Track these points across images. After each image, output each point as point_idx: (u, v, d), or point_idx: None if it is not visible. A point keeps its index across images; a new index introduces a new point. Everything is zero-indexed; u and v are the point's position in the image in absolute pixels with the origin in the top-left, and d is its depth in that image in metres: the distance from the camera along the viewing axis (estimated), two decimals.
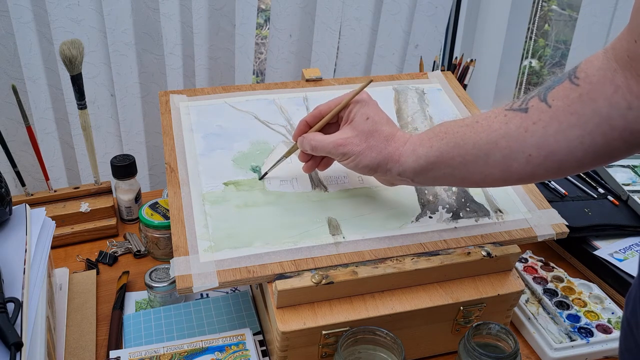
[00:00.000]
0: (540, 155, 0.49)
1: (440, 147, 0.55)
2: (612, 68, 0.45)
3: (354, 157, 0.60)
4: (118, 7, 1.22)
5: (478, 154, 0.53)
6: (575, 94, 0.47)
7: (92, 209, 0.88)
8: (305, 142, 0.64)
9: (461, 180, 0.56)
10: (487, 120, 0.53)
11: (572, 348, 0.68)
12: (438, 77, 0.88)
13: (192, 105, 0.78)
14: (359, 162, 0.60)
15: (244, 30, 1.35)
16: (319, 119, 0.65)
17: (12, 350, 0.49)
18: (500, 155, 0.51)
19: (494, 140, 0.51)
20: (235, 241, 0.62)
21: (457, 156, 0.54)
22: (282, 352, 0.61)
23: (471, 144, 0.53)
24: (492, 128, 0.52)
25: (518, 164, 0.51)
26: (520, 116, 0.50)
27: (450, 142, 0.55)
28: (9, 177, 0.91)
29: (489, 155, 0.52)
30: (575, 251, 0.84)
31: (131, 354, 0.65)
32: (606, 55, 0.47)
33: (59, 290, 0.75)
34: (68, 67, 0.81)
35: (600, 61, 0.47)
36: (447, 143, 0.55)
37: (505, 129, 0.51)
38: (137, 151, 1.41)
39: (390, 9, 1.47)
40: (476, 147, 0.53)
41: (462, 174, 0.55)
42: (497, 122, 0.52)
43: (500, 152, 0.51)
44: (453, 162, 0.55)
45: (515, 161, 0.51)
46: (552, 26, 1.92)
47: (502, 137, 0.51)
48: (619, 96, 0.45)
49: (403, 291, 0.63)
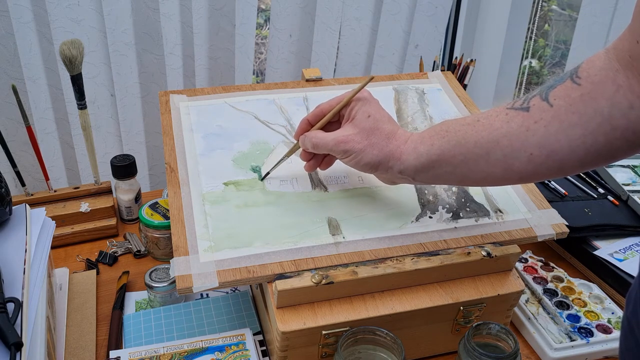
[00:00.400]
0: (542, 155, 0.49)
1: (442, 146, 0.55)
2: (614, 68, 0.45)
3: (355, 154, 0.60)
4: (118, 7, 1.22)
5: (479, 152, 0.53)
6: (576, 93, 0.47)
7: (92, 209, 0.88)
8: (307, 140, 0.64)
9: (462, 178, 0.56)
10: (488, 119, 0.53)
11: (572, 348, 0.68)
12: (438, 77, 0.88)
13: (192, 105, 0.78)
14: (361, 159, 0.60)
15: (244, 30, 1.35)
16: (321, 117, 0.65)
17: (12, 350, 0.49)
18: (502, 154, 0.51)
19: (496, 139, 0.51)
20: (235, 241, 0.62)
21: (458, 155, 0.54)
22: (282, 352, 0.61)
23: (472, 143, 0.53)
24: (493, 127, 0.52)
25: (519, 162, 0.51)
26: (521, 115, 0.50)
27: (451, 141, 0.55)
28: (9, 177, 0.91)
29: (490, 154, 0.52)
30: (575, 251, 0.84)
31: (131, 354, 0.65)
32: (608, 55, 0.47)
33: (59, 290, 0.75)
34: (68, 67, 0.81)
35: (602, 61, 0.47)
36: (448, 141, 0.55)
37: (507, 128, 0.51)
38: (137, 151, 1.41)
39: (390, 9, 1.47)
40: (477, 145, 0.53)
41: (464, 173, 0.55)
42: (498, 120, 0.52)
43: (501, 151, 0.51)
44: (454, 160, 0.55)
45: (516, 160, 0.51)
46: (552, 26, 1.92)
47: (503, 136, 0.51)
48: (621, 96, 0.45)
49: (403, 291, 0.63)
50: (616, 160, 0.49)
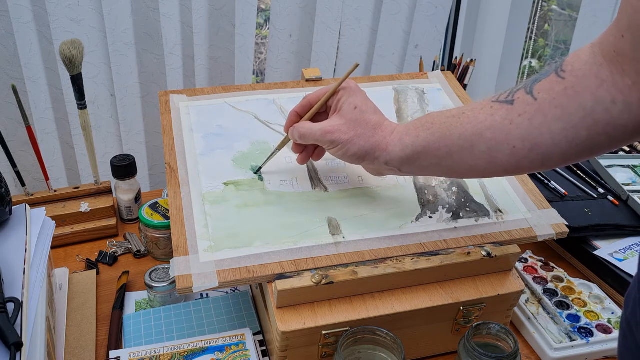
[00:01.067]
0: (524, 148, 0.50)
1: (427, 138, 0.56)
2: (598, 62, 0.46)
3: (341, 145, 0.60)
4: (118, 7, 1.22)
5: (464, 145, 0.53)
6: (560, 87, 0.47)
7: (92, 209, 0.88)
8: (295, 131, 0.64)
9: (448, 170, 0.56)
10: (473, 111, 0.53)
11: (572, 348, 0.68)
12: (438, 77, 0.88)
13: (192, 105, 0.78)
14: (347, 150, 0.60)
15: (244, 30, 1.35)
16: (309, 108, 0.66)
17: (12, 350, 0.49)
18: (486, 147, 0.52)
19: (480, 131, 0.52)
20: (235, 241, 0.62)
21: (443, 147, 0.54)
22: (282, 352, 0.61)
23: (457, 135, 0.53)
24: (478, 120, 0.52)
25: (503, 155, 0.51)
26: (506, 108, 0.51)
27: (436, 133, 0.55)
28: (9, 177, 0.92)
29: (475, 147, 0.52)
30: (575, 251, 0.84)
31: (131, 354, 0.65)
32: (593, 49, 0.47)
33: (59, 290, 0.75)
34: (68, 67, 0.81)
35: (587, 55, 0.47)
36: (433, 133, 0.55)
37: (491, 121, 0.51)
38: (137, 151, 1.41)
39: (390, 9, 1.47)
40: (462, 138, 0.53)
41: (449, 165, 0.55)
42: (483, 113, 0.52)
43: (485, 143, 0.51)
44: (439, 152, 0.55)
45: (500, 153, 0.51)
46: (552, 26, 1.92)
47: (487, 129, 0.51)
48: (604, 90, 0.45)
49: (403, 291, 0.63)
50: (598, 155, 0.50)
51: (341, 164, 0.72)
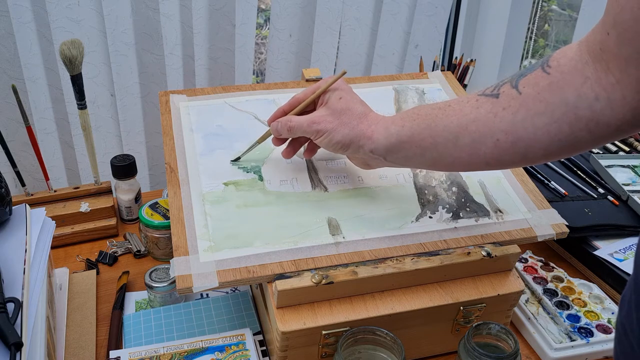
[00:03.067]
0: (507, 141, 0.50)
1: (412, 127, 0.56)
2: (584, 60, 0.46)
3: (327, 133, 0.62)
4: (118, 7, 1.22)
5: (448, 136, 0.53)
6: (545, 82, 0.48)
7: (92, 209, 0.88)
8: (282, 125, 0.66)
9: (432, 162, 0.57)
10: (459, 104, 0.54)
11: (572, 348, 0.68)
12: (438, 77, 0.88)
13: (192, 105, 0.78)
14: (332, 138, 0.61)
15: (244, 30, 1.35)
16: (296, 106, 0.67)
17: (12, 350, 0.49)
18: (470, 139, 0.52)
19: (464, 124, 0.52)
20: (235, 241, 0.62)
21: (427, 137, 0.55)
22: (282, 352, 0.61)
23: (442, 127, 0.54)
24: (463, 112, 0.53)
25: (486, 148, 0.51)
26: (491, 101, 0.51)
27: (422, 124, 0.56)
28: (9, 177, 0.92)
29: (459, 139, 0.53)
30: (575, 251, 0.84)
31: (131, 354, 0.65)
32: (580, 47, 0.47)
33: (59, 290, 0.75)
34: (68, 67, 0.81)
35: (574, 52, 0.48)
36: (419, 124, 0.56)
37: (476, 114, 0.52)
38: (137, 151, 1.41)
39: (390, 9, 1.47)
40: (447, 129, 0.53)
41: (433, 156, 0.56)
42: (468, 106, 0.53)
43: (469, 136, 0.52)
44: (424, 143, 0.55)
45: (483, 145, 0.51)
46: (552, 26, 1.91)
47: (472, 122, 0.52)
48: (588, 87, 0.45)
49: (403, 291, 0.63)
50: (580, 152, 0.50)
51: (341, 164, 0.73)
